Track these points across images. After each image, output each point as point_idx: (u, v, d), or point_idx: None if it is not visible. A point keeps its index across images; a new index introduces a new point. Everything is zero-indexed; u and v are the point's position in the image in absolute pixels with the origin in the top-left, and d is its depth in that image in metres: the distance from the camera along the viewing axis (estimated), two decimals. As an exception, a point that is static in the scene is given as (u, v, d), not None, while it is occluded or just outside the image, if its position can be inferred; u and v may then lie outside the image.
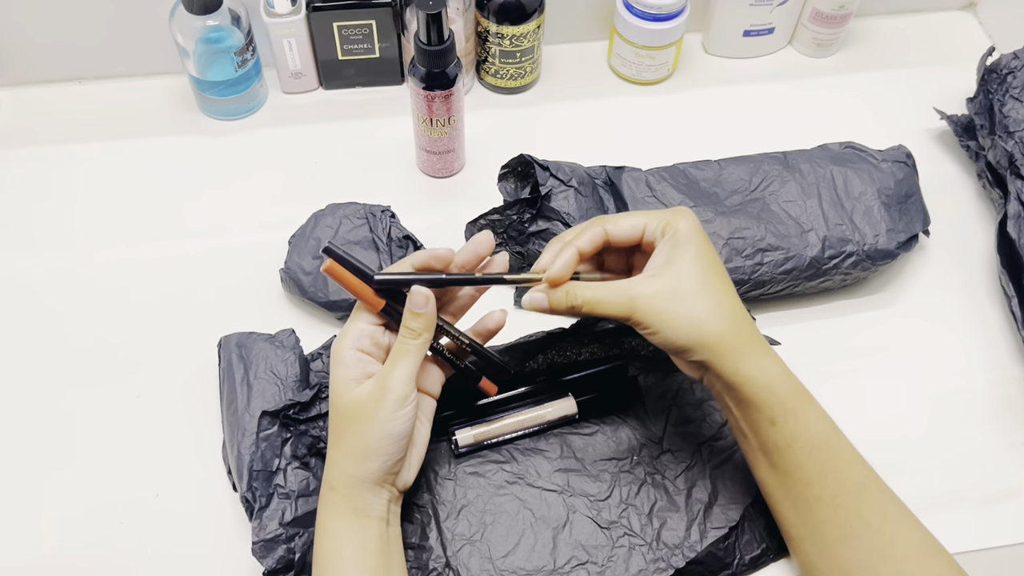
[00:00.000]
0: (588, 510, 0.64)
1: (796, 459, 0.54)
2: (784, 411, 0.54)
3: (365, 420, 0.53)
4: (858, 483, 0.54)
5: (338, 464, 0.55)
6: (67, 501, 0.65)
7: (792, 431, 0.54)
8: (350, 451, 0.54)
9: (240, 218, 0.80)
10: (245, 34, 0.81)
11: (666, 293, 0.53)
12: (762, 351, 0.55)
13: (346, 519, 0.54)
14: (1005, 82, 0.81)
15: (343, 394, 0.55)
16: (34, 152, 0.84)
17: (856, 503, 0.53)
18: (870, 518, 0.53)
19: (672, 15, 0.85)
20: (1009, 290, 0.74)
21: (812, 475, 0.54)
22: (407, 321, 0.55)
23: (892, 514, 0.54)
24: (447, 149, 0.80)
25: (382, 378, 0.54)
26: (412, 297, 0.55)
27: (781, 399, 0.54)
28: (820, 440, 0.54)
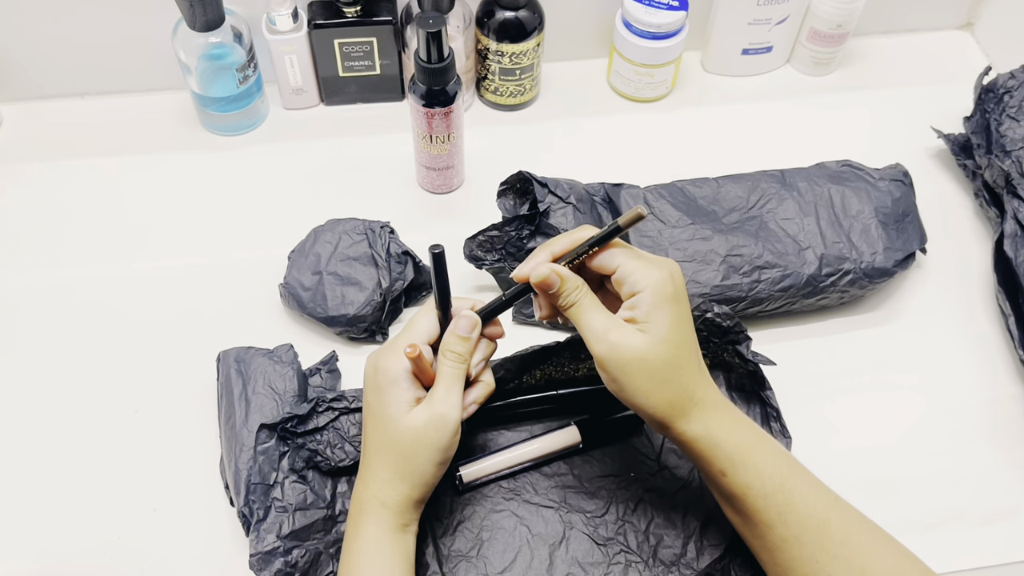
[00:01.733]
0: (585, 527, 0.64)
1: (753, 505, 0.54)
2: (732, 463, 0.54)
3: (428, 448, 0.55)
4: (820, 520, 0.54)
5: (395, 486, 0.56)
6: (65, 515, 0.65)
7: (744, 480, 0.54)
8: (410, 476, 0.56)
9: (240, 233, 0.81)
10: (247, 51, 0.82)
11: (641, 350, 0.53)
12: (710, 408, 0.55)
13: (395, 534, 0.56)
14: (1002, 101, 0.82)
15: (398, 418, 0.56)
16: (36, 167, 0.85)
17: (820, 540, 0.53)
18: (837, 551, 0.53)
19: (671, 34, 0.85)
20: (1006, 308, 0.74)
21: (772, 518, 0.54)
22: (453, 346, 0.57)
23: (860, 544, 0.54)
24: (446, 166, 0.81)
25: (442, 404, 0.55)
26: (460, 322, 0.57)
27: (728, 453, 0.54)
28: (774, 485, 0.54)
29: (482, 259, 0.75)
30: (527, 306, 0.75)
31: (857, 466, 0.68)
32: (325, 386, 0.69)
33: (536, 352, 0.66)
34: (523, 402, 0.67)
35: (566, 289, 0.55)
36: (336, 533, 0.62)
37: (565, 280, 0.55)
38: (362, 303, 0.71)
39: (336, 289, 0.71)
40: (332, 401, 0.64)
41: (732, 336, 0.67)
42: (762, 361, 0.67)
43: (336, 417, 0.64)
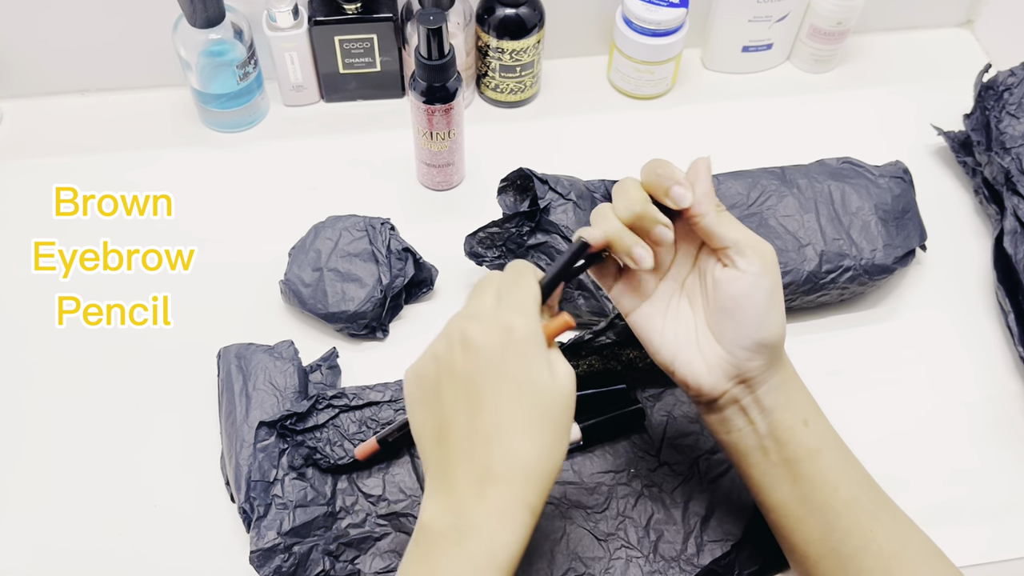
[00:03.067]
0: (585, 522, 0.64)
1: (826, 462, 0.53)
2: (813, 410, 0.54)
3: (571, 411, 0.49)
4: (870, 483, 0.54)
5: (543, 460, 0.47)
6: (66, 510, 0.66)
7: (821, 430, 0.54)
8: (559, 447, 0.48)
9: (240, 229, 0.81)
10: (247, 47, 0.82)
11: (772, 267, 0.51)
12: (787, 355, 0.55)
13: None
14: (1002, 99, 0.82)
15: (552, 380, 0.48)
16: (37, 163, 0.85)
17: (874, 505, 0.53)
18: (886, 520, 0.53)
19: (671, 31, 0.85)
20: (1005, 305, 0.74)
21: (839, 477, 0.53)
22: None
23: (900, 515, 0.54)
24: (447, 162, 0.81)
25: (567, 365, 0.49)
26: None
27: (809, 398, 0.54)
28: (839, 440, 0.54)
29: (483, 256, 0.75)
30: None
31: (857, 462, 0.69)
32: (325, 382, 0.69)
33: None
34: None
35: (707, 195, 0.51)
36: (336, 530, 0.62)
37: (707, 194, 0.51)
38: (363, 299, 0.71)
39: (337, 285, 0.71)
40: (332, 399, 0.64)
41: (732, 332, 0.67)
42: (762, 357, 0.67)
43: (336, 415, 0.64)
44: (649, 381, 0.70)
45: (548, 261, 0.73)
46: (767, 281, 0.51)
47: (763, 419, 0.54)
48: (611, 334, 0.66)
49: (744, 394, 0.54)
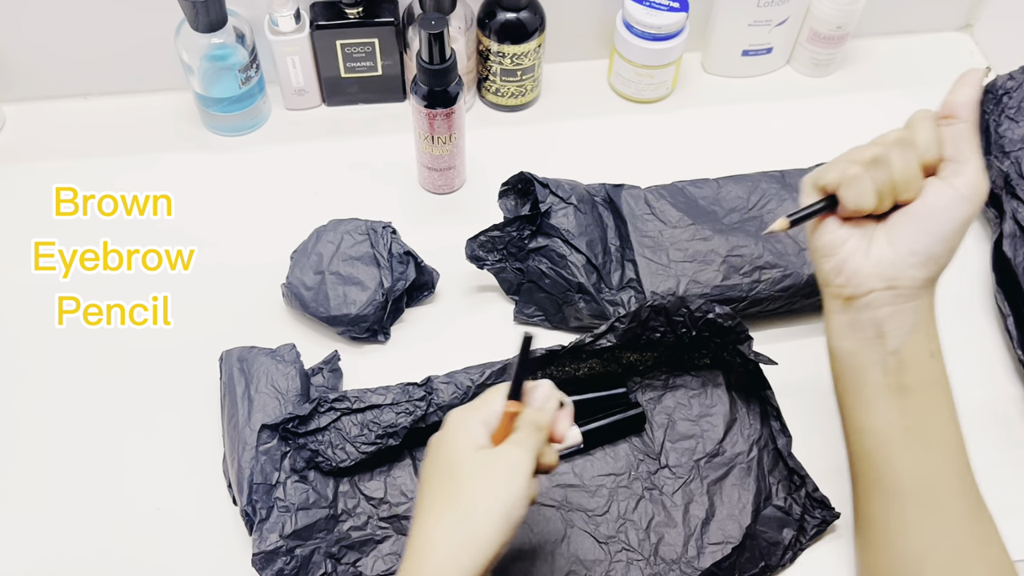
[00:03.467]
0: (586, 525, 0.64)
1: (940, 397, 0.54)
2: (939, 347, 0.54)
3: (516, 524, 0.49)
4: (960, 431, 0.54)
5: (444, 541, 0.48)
6: (69, 513, 0.66)
7: (943, 367, 0.54)
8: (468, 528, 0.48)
9: (242, 233, 0.81)
10: (249, 51, 0.82)
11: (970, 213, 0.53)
12: None
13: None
14: (1001, 102, 0.82)
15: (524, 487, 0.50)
16: (39, 166, 0.85)
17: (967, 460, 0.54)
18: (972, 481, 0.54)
19: (671, 35, 0.86)
20: (1005, 308, 0.74)
21: (947, 417, 0.53)
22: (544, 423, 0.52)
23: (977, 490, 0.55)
24: (448, 166, 0.81)
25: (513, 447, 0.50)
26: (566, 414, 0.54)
27: (937, 334, 0.55)
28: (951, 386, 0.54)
29: (483, 259, 0.75)
30: (528, 307, 0.75)
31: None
32: (327, 385, 0.69)
33: (539, 357, 0.66)
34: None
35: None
36: (338, 532, 0.62)
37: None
38: (364, 303, 0.71)
39: (338, 289, 0.72)
40: (334, 401, 0.64)
41: (733, 336, 0.67)
42: (763, 361, 0.67)
43: (338, 418, 0.64)
44: (649, 384, 0.70)
45: (549, 264, 0.73)
46: (969, 208, 0.52)
47: (896, 336, 0.53)
48: (611, 337, 0.66)
49: (887, 302, 0.53)
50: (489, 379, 0.65)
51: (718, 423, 0.68)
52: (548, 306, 0.75)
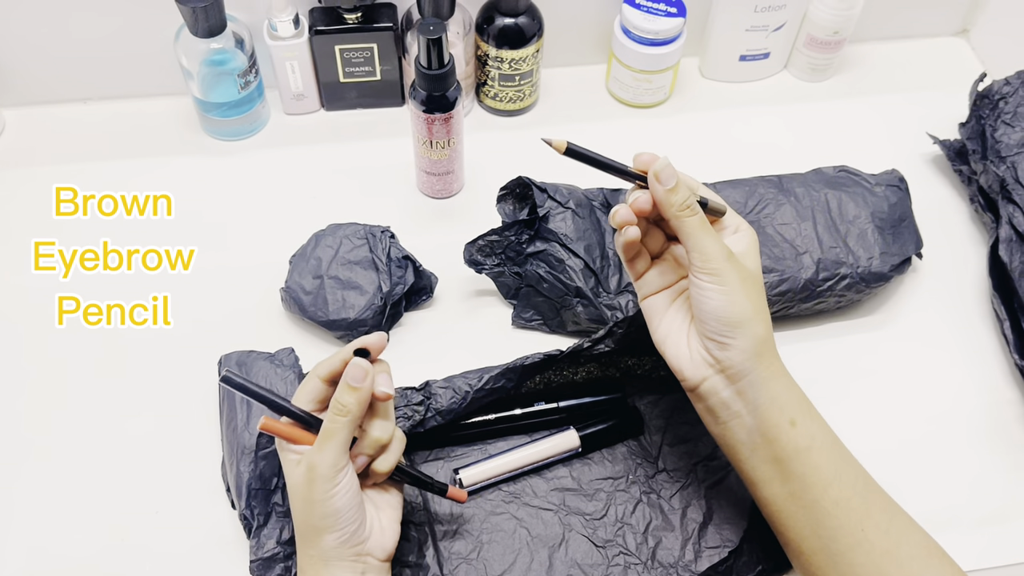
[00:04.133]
0: (584, 529, 0.64)
1: (815, 461, 0.54)
2: (803, 411, 0.54)
3: (306, 501, 0.53)
4: (864, 481, 0.54)
5: (302, 548, 0.54)
6: (67, 517, 0.66)
7: (810, 431, 0.54)
8: (302, 532, 0.54)
9: (241, 237, 0.81)
10: (248, 56, 0.82)
11: (746, 274, 0.55)
12: (778, 357, 0.56)
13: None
14: (997, 108, 0.83)
15: (288, 475, 0.54)
16: (39, 171, 0.85)
17: (866, 504, 0.54)
18: (879, 519, 0.53)
19: (669, 40, 0.86)
20: (1001, 313, 0.75)
21: (830, 477, 0.54)
22: (340, 396, 0.53)
23: (895, 512, 0.54)
24: (446, 171, 0.81)
25: (309, 458, 0.53)
26: (351, 371, 0.53)
27: (799, 399, 0.55)
28: (833, 439, 0.54)
29: (482, 263, 0.75)
30: (527, 311, 0.76)
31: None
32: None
33: (537, 362, 0.66)
34: (522, 415, 0.68)
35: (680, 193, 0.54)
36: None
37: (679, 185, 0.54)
38: (363, 307, 0.72)
39: (337, 293, 0.72)
40: (333, 404, 0.64)
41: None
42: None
43: (337, 420, 0.64)
44: (647, 388, 0.71)
45: (547, 269, 0.73)
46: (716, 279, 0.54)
47: (749, 415, 0.55)
48: (609, 342, 0.66)
49: (725, 386, 0.55)
50: (487, 384, 0.65)
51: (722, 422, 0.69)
52: (546, 310, 0.75)
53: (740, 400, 0.55)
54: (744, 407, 0.55)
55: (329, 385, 0.56)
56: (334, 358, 0.55)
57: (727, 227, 0.58)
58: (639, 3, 0.85)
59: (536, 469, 0.67)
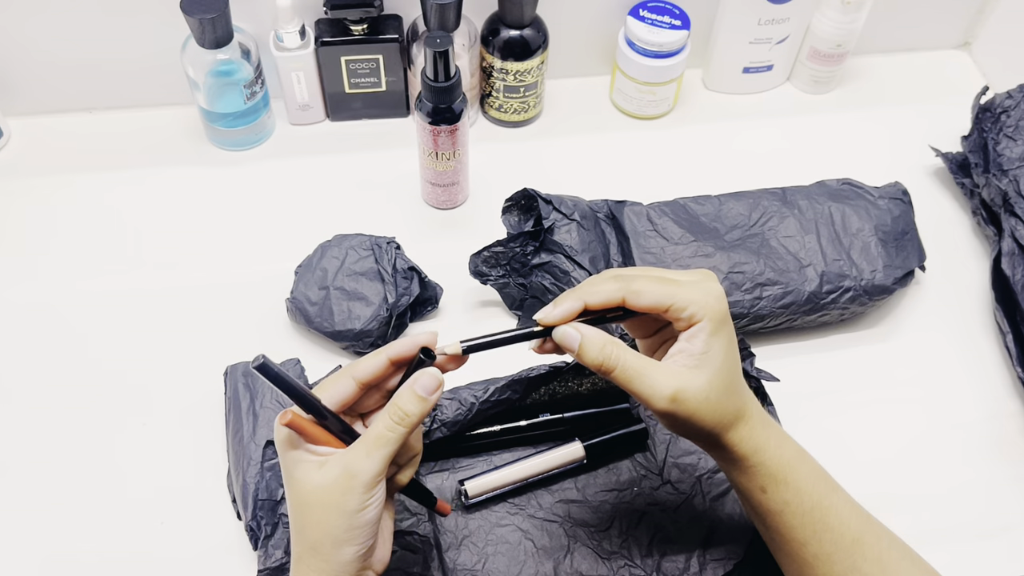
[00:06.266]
0: (589, 540, 0.64)
1: (789, 522, 0.54)
2: (774, 480, 0.54)
3: (333, 509, 0.48)
4: (853, 538, 0.54)
5: (306, 560, 0.49)
6: (74, 527, 0.66)
7: (783, 497, 0.54)
8: (314, 544, 0.49)
9: (247, 248, 0.81)
10: (254, 67, 0.83)
11: (703, 391, 0.51)
12: (757, 424, 0.54)
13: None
14: (999, 121, 0.83)
15: (300, 478, 0.49)
16: (44, 181, 0.85)
17: (851, 558, 0.54)
18: (867, 570, 0.53)
19: (673, 52, 0.86)
20: (1004, 326, 0.75)
21: (806, 536, 0.54)
22: (405, 404, 0.49)
23: (891, 562, 0.54)
24: (452, 182, 0.82)
25: (350, 464, 0.48)
26: (422, 379, 0.49)
27: (771, 469, 0.54)
28: (812, 503, 0.54)
29: (487, 275, 0.75)
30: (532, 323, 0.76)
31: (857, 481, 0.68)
32: (332, 400, 0.70)
33: (542, 374, 0.66)
34: (527, 427, 0.68)
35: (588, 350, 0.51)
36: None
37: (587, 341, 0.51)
38: (368, 318, 0.72)
39: (343, 304, 0.72)
40: (339, 415, 0.65)
41: (734, 353, 0.68)
42: (765, 377, 0.68)
43: (342, 431, 0.64)
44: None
45: (552, 280, 0.74)
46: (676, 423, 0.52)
47: (730, 472, 0.56)
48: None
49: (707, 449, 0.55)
50: (493, 395, 0.65)
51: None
52: (551, 322, 0.75)
53: (718, 460, 0.56)
54: (722, 464, 0.56)
55: (362, 389, 0.52)
56: (374, 360, 0.51)
57: (680, 318, 0.51)
58: (643, 15, 0.86)
59: (541, 481, 0.67)
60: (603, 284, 0.52)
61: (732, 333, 0.53)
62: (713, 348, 0.51)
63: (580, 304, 0.52)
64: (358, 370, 0.51)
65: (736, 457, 0.54)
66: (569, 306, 0.52)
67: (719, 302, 0.52)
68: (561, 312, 0.52)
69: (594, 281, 0.53)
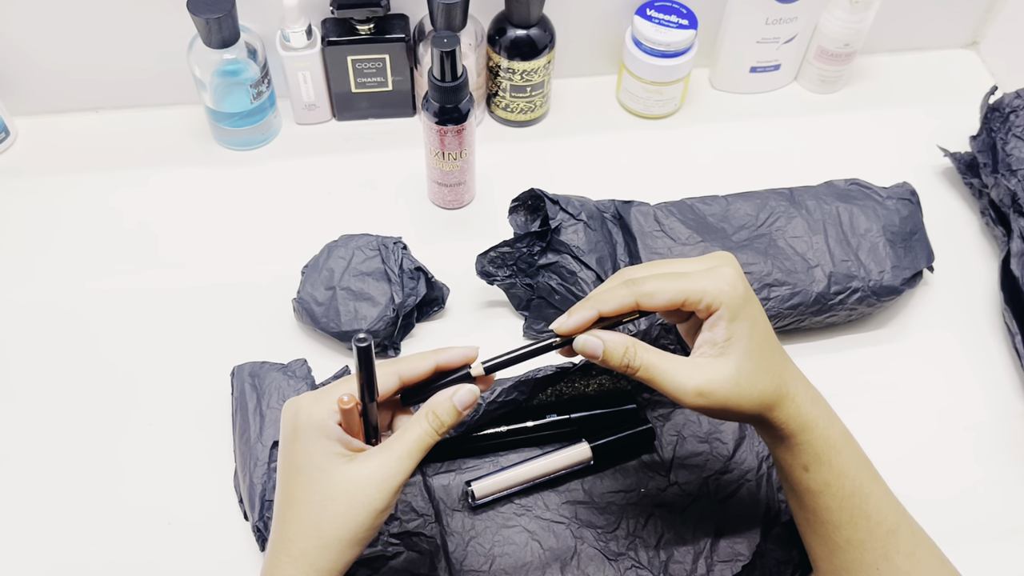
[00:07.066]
0: (596, 542, 0.64)
1: (826, 504, 0.54)
2: (818, 460, 0.54)
3: (360, 506, 0.48)
4: (889, 528, 0.54)
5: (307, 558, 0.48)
6: (80, 528, 0.66)
7: (824, 479, 0.54)
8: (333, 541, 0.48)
9: (253, 248, 0.81)
10: (261, 67, 0.83)
11: (732, 379, 0.51)
12: (803, 402, 0.54)
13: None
14: (1008, 120, 0.83)
15: (328, 469, 0.48)
16: (50, 181, 0.85)
17: (884, 547, 0.54)
18: (898, 562, 0.53)
19: (680, 52, 0.86)
20: (1012, 327, 0.75)
21: (842, 520, 0.54)
22: (443, 414, 0.50)
23: (921, 557, 0.54)
24: (458, 181, 0.81)
25: (387, 463, 0.48)
26: (462, 393, 0.51)
27: (816, 450, 0.54)
28: (853, 488, 0.54)
29: (494, 275, 0.75)
30: (538, 323, 0.76)
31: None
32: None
33: (549, 375, 0.66)
34: (534, 428, 0.68)
35: (612, 355, 0.52)
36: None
37: (608, 346, 0.52)
38: (375, 318, 0.72)
39: (349, 304, 0.72)
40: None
41: (742, 354, 0.67)
42: (772, 379, 0.68)
43: (349, 432, 0.64)
44: (659, 401, 0.71)
45: (559, 280, 0.73)
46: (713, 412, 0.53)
47: (773, 447, 0.56)
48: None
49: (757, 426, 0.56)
50: (500, 396, 0.65)
51: (727, 440, 0.69)
52: (558, 322, 0.75)
53: (762, 434, 0.56)
54: (767, 439, 0.56)
55: (401, 387, 0.52)
56: (421, 363, 0.52)
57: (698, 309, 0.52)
58: (650, 15, 0.86)
59: (548, 482, 0.67)
60: (615, 291, 0.53)
61: (757, 313, 0.53)
62: (736, 333, 0.51)
63: (594, 313, 0.52)
64: (404, 368, 0.52)
65: (783, 435, 0.54)
66: (582, 315, 0.52)
67: (733, 287, 0.52)
68: (575, 321, 0.52)
69: (606, 288, 0.54)
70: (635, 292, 0.52)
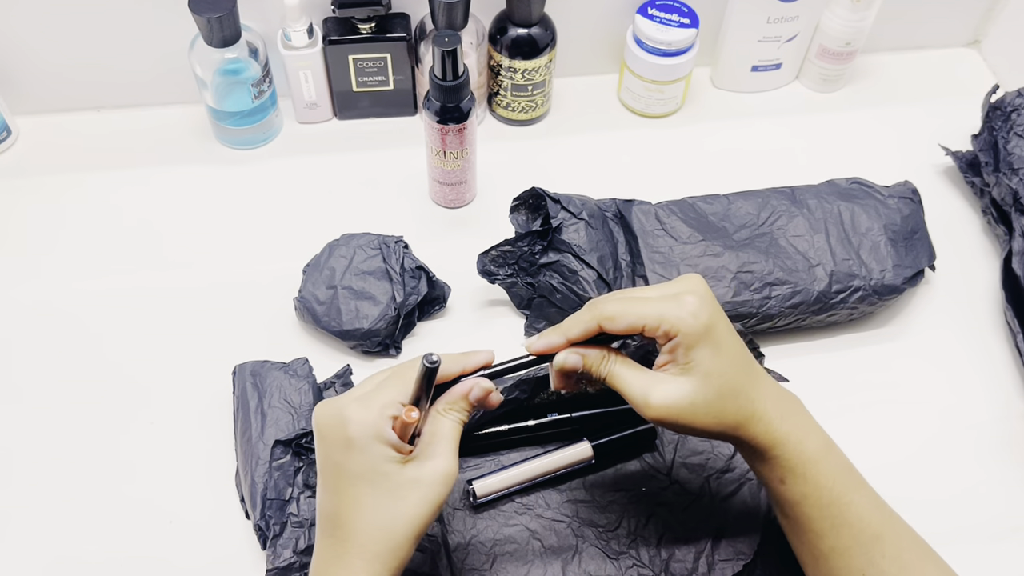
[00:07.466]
0: (597, 541, 0.64)
1: (808, 513, 0.54)
2: (792, 473, 0.54)
3: (429, 504, 0.50)
4: (873, 534, 0.54)
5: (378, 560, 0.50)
6: (82, 526, 0.66)
7: (801, 491, 0.54)
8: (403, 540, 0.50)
9: (254, 247, 0.81)
10: (262, 66, 0.83)
11: (687, 400, 0.52)
12: (771, 417, 0.54)
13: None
14: (1009, 119, 0.82)
15: (392, 473, 0.50)
16: (52, 180, 0.85)
17: (869, 554, 0.54)
18: (884, 567, 0.53)
19: (682, 51, 0.86)
20: (1014, 326, 0.75)
21: (824, 528, 0.54)
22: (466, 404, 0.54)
23: (909, 560, 0.54)
24: (459, 180, 0.82)
25: (448, 464, 0.51)
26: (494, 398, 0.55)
27: (791, 463, 0.54)
28: (831, 498, 0.54)
29: (495, 274, 0.75)
30: (539, 321, 0.76)
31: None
32: (340, 400, 0.70)
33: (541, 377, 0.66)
34: (535, 427, 0.68)
35: (591, 365, 0.55)
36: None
37: (587, 358, 0.54)
38: (376, 317, 0.72)
39: (350, 303, 0.72)
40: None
41: (743, 352, 0.67)
42: (775, 377, 0.68)
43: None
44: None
45: (560, 279, 0.73)
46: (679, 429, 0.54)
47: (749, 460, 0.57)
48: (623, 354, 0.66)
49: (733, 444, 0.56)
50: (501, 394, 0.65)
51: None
52: (559, 321, 0.75)
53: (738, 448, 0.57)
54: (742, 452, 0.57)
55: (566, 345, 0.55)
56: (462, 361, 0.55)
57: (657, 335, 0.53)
58: (652, 14, 0.86)
59: (549, 480, 0.67)
60: (579, 315, 0.55)
61: (722, 337, 0.53)
62: (695, 359, 0.52)
63: (562, 339, 0.55)
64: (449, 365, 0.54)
65: (755, 450, 0.54)
66: (549, 340, 0.55)
67: (694, 316, 0.52)
68: (542, 344, 0.55)
69: (572, 316, 0.56)
70: (597, 316, 0.54)
